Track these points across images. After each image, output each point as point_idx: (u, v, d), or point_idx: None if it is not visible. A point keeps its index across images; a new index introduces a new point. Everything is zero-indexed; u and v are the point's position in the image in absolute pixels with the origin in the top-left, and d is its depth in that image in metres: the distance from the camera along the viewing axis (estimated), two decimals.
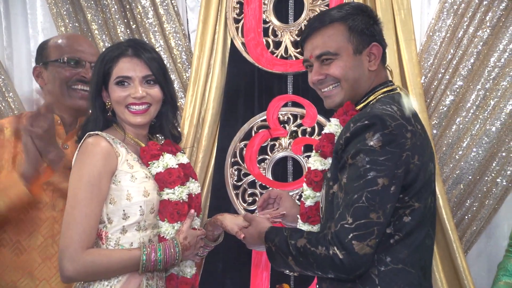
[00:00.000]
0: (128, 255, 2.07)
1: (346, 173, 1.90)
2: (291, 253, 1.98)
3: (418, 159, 1.92)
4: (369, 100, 2.04)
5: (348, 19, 2.05)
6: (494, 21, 2.83)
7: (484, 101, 2.87)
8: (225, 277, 3.07)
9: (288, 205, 2.36)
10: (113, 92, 2.15)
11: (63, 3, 3.27)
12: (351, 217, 1.85)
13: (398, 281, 1.91)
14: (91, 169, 2.07)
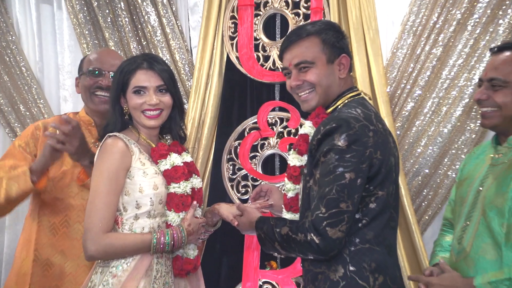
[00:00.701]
0: (140, 239, 2.17)
1: (319, 169, 2.00)
2: (277, 240, 2.07)
3: (380, 154, 2.01)
4: (337, 104, 2.14)
5: (321, 33, 2.13)
6: (445, 41, 2.94)
7: (438, 107, 2.98)
8: (222, 256, 3.21)
9: (277, 197, 2.44)
10: (130, 99, 2.25)
11: (86, 24, 3.37)
12: (324, 207, 1.94)
13: (365, 259, 2.00)
14: (109, 166, 2.17)
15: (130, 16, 3.34)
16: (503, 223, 1.96)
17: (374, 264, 2.00)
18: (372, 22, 3.00)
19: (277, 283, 3.06)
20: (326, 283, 2.01)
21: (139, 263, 2.18)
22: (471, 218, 2.10)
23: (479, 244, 2.04)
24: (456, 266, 2.13)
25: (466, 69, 2.91)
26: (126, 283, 2.13)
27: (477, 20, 2.86)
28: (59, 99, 3.49)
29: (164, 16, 3.30)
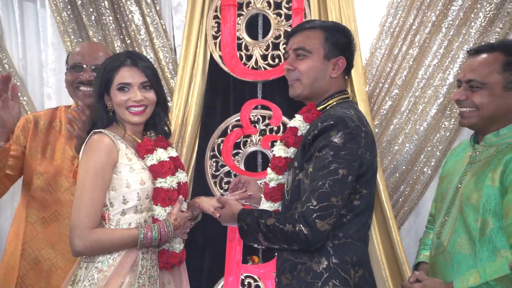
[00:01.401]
0: (127, 234, 2.17)
1: (312, 163, 2.03)
2: (261, 230, 2.09)
3: (369, 155, 2.08)
4: (329, 103, 2.18)
5: (328, 30, 2.20)
6: (421, 42, 3.01)
7: (415, 106, 3.06)
8: (205, 250, 3.22)
9: (255, 189, 2.46)
10: (115, 96, 2.25)
11: (69, 22, 3.38)
12: (316, 200, 1.97)
13: (348, 252, 2.06)
14: (96, 162, 2.17)
15: (114, 14, 3.36)
16: (478, 219, 2.01)
17: (355, 257, 2.06)
18: (351, 23, 3.04)
19: (259, 277, 3.09)
20: (309, 274, 2.05)
21: (124, 259, 2.18)
22: (449, 214, 2.14)
23: (456, 239, 2.07)
24: (435, 260, 2.17)
25: (441, 69, 3.00)
26: (111, 279, 2.13)
27: (451, 22, 2.96)
28: (42, 97, 3.51)
29: (148, 15, 3.33)
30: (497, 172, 1.99)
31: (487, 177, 2.02)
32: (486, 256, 2.00)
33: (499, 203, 1.98)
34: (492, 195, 1.99)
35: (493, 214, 1.99)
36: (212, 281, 3.19)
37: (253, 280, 3.12)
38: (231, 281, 3.09)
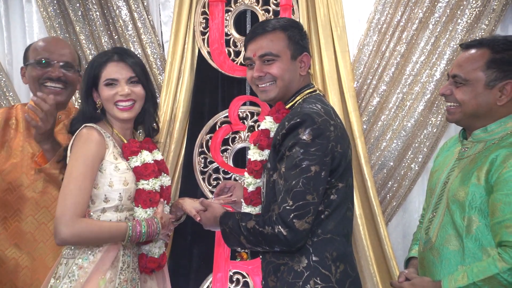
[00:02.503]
0: (116, 226, 2.18)
1: (284, 163, 2.03)
2: (242, 233, 2.09)
3: (341, 148, 2.07)
4: (296, 100, 2.19)
5: (287, 29, 2.18)
6: (408, 38, 3.06)
7: (402, 102, 3.10)
8: (193, 247, 3.25)
9: (240, 194, 2.45)
10: (102, 92, 2.25)
11: (56, 17, 3.39)
12: (291, 200, 1.98)
13: (327, 248, 2.06)
14: (85, 153, 2.17)
15: (101, 10, 3.36)
16: (464, 216, 2.02)
17: (336, 253, 2.07)
18: (339, 19, 3.08)
19: (247, 273, 3.12)
20: (290, 274, 2.06)
21: (106, 254, 2.19)
22: (437, 210, 2.16)
23: (443, 235, 2.09)
24: (423, 255, 2.19)
25: (428, 65, 3.05)
26: (92, 275, 2.14)
27: (438, 19, 3.01)
28: (28, 92, 3.39)
29: (135, 10, 3.34)
30: (483, 170, 2.01)
31: (473, 175, 2.03)
32: (473, 253, 2.02)
33: (485, 201, 2.00)
34: (478, 193, 2.01)
35: (479, 212, 2.01)
36: (201, 278, 3.21)
37: (242, 276, 3.15)
38: (220, 277, 3.10)
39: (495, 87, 2.06)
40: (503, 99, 2.06)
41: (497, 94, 2.06)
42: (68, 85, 2.63)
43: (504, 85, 2.05)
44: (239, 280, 3.16)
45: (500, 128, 2.10)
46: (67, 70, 2.61)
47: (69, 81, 2.62)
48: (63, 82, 2.60)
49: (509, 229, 1.92)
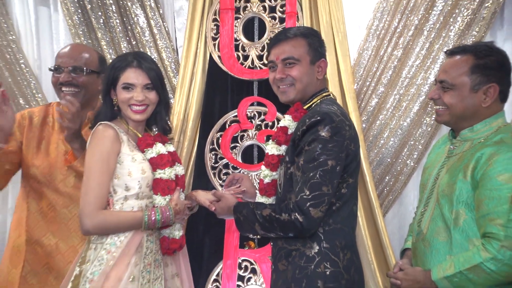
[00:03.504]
0: (132, 215, 2.22)
1: (303, 156, 2.06)
2: (258, 221, 2.12)
3: (354, 146, 2.12)
4: (314, 101, 2.22)
5: (308, 37, 2.22)
6: (405, 44, 3.08)
7: (399, 103, 3.12)
8: (205, 236, 3.28)
9: (248, 185, 2.48)
10: (119, 93, 2.28)
11: (80, 25, 3.44)
12: (308, 190, 2.01)
13: (337, 237, 2.10)
14: (101, 149, 2.20)
15: (120, 18, 3.41)
16: (452, 210, 2.05)
17: (344, 242, 2.11)
18: (340, 26, 3.10)
19: (254, 261, 3.16)
20: (302, 258, 2.09)
21: (131, 241, 2.22)
22: (428, 204, 2.18)
23: (434, 227, 2.12)
24: (416, 246, 2.22)
25: (423, 69, 3.07)
26: (119, 259, 2.17)
27: (432, 26, 3.03)
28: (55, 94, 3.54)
29: (152, 18, 3.38)
30: (469, 167, 2.03)
31: (460, 172, 2.05)
32: (460, 244, 2.04)
33: (471, 196, 2.02)
34: (464, 188, 2.03)
35: (465, 205, 2.03)
36: (212, 264, 3.24)
37: (250, 264, 3.18)
38: (229, 264, 3.15)
39: (479, 90, 2.08)
40: (487, 101, 2.09)
41: (481, 96, 2.09)
42: (80, 88, 2.63)
43: (487, 88, 2.08)
44: (247, 267, 3.19)
45: (485, 127, 2.12)
46: (76, 74, 2.61)
47: (80, 83, 2.62)
48: (74, 85, 2.61)
49: (493, 222, 1.95)
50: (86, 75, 2.64)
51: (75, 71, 2.61)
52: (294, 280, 2.10)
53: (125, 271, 2.18)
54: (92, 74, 2.66)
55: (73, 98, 2.47)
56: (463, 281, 1.98)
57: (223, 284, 3.17)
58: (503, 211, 1.94)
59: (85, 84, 2.64)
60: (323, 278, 2.07)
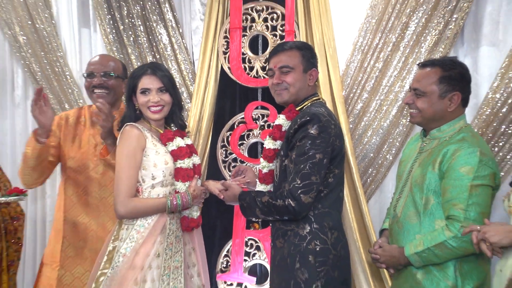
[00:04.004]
0: (158, 201, 2.24)
1: (295, 151, 2.07)
2: (258, 206, 2.14)
3: (338, 142, 2.13)
4: (305, 104, 2.22)
5: (302, 49, 2.23)
6: (385, 57, 3.09)
7: (380, 107, 3.13)
8: (217, 219, 3.33)
9: (251, 176, 2.46)
10: (139, 98, 2.29)
11: (114, 42, 3.49)
12: (299, 179, 2.03)
13: (325, 219, 2.12)
14: (128, 146, 2.22)
15: (147, 36, 3.46)
16: (423, 197, 2.09)
17: (331, 223, 2.13)
18: (331, 42, 3.14)
19: (259, 239, 3.21)
20: (296, 237, 2.11)
21: (156, 223, 2.24)
22: (403, 192, 2.21)
23: (406, 211, 2.15)
24: (392, 227, 2.25)
25: (400, 79, 3.09)
26: (147, 238, 2.21)
27: (407, 43, 3.06)
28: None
29: (173, 36, 3.42)
30: (437, 161, 2.07)
31: (429, 165, 2.09)
32: (428, 225, 2.08)
33: (438, 185, 2.06)
34: (433, 178, 2.07)
35: (433, 193, 2.08)
36: (223, 242, 3.30)
37: (254, 242, 3.23)
38: (238, 242, 3.20)
39: (445, 97, 2.13)
40: (452, 106, 2.14)
41: (447, 102, 2.13)
42: (110, 90, 2.65)
43: (452, 96, 2.13)
44: (252, 244, 3.24)
45: (450, 128, 2.16)
46: (107, 78, 2.63)
47: (110, 86, 2.65)
48: (105, 87, 2.63)
49: (455, 206, 2.01)
50: (114, 79, 2.66)
51: (106, 75, 2.63)
52: (290, 256, 2.12)
53: (151, 248, 2.21)
54: (118, 79, 2.69)
55: (104, 100, 2.48)
56: (430, 255, 2.04)
57: (232, 258, 3.20)
58: (463, 198, 1.99)
59: (113, 87, 2.67)
60: (314, 254, 2.09)
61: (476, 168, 2.00)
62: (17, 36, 3.55)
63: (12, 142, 3.72)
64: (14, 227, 2.53)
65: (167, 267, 2.24)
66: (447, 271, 2.05)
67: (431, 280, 2.07)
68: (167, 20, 3.41)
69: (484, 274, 2.08)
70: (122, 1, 3.45)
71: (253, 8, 3.27)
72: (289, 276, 2.11)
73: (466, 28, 2.98)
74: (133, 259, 2.18)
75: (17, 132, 3.71)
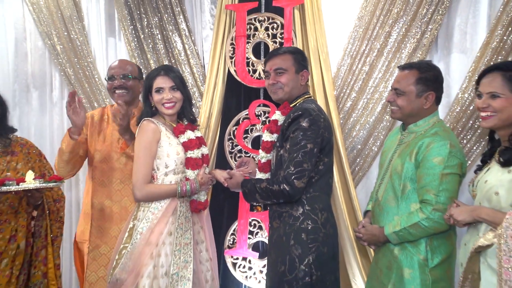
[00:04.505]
0: (169, 187, 2.24)
1: (289, 142, 2.08)
2: (257, 192, 2.14)
3: (327, 134, 2.12)
4: (298, 101, 2.22)
5: (294, 53, 2.23)
6: (371, 62, 3.07)
7: (367, 105, 3.11)
8: (225, 202, 3.33)
9: (253, 166, 2.47)
10: (154, 96, 2.29)
11: (135, 49, 3.49)
12: (293, 167, 2.03)
13: (316, 201, 2.12)
14: (145, 139, 2.23)
15: (164, 43, 3.46)
16: (401, 183, 2.10)
17: (322, 205, 2.13)
18: (324, 48, 3.11)
19: (261, 220, 3.20)
20: (290, 218, 2.11)
21: (168, 206, 2.25)
22: (384, 179, 2.21)
23: (386, 196, 2.16)
24: (374, 209, 2.26)
25: (384, 80, 3.06)
26: (160, 219, 2.22)
27: (389, 49, 3.03)
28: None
29: (186, 43, 3.42)
30: (414, 152, 2.07)
31: (407, 156, 2.10)
32: (404, 208, 2.10)
33: (414, 173, 2.07)
34: (410, 167, 2.08)
35: (410, 180, 2.08)
36: (230, 222, 3.30)
37: (257, 222, 3.23)
38: (243, 222, 3.20)
39: (422, 96, 2.12)
40: (427, 104, 2.14)
41: (423, 101, 2.13)
42: (129, 89, 2.66)
43: (427, 95, 2.12)
44: (255, 224, 3.24)
45: (425, 123, 2.16)
46: (125, 79, 2.64)
47: (128, 86, 2.65)
48: (125, 88, 2.63)
49: (428, 192, 2.02)
50: (132, 80, 2.67)
51: (124, 77, 2.64)
52: (285, 234, 2.12)
53: (164, 227, 2.22)
54: (135, 80, 2.70)
55: (123, 103, 2.48)
56: (406, 234, 2.05)
57: (238, 237, 3.21)
58: (435, 184, 2.00)
59: (131, 87, 2.68)
60: (306, 232, 2.09)
61: (446, 159, 2.00)
62: (55, 45, 3.59)
63: (50, 135, 3.76)
64: (57, 207, 2.55)
65: (179, 243, 2.24)
66: (419, 246, 2.06)
67: (406, 254, 2.09)
68: (181, 30, 3.41)
69: (451, 248, 2.09)
70: (143, 13, 3.44)
71: (256, 18, 3.26)
72: (285, 252, 2.11)
73: (440, 37, 2.98)
74: (148, 237, 2.20)
75: (55, 127, 3.75)
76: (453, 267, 2.11)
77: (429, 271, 2.04)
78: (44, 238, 2.42)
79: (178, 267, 2.20)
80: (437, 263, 2.05)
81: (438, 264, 2.05)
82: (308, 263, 2.06)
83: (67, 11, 3.53)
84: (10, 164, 2.35)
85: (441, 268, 2.05)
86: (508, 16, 2.66)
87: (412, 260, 2.06)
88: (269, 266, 2.24)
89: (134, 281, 2.17)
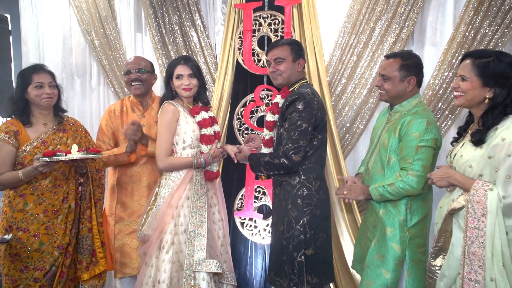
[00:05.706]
0: (187, 159, 2.25)
1: (287, 122, 2.08)
2: (261, 164, 2.14)
3: (320, 114, 2.10)
4: (295, 86, 2.20)
5: (291, 44, 2.19)
6: (358, 52, 2.95)
7: (354, 89, 3.01)
8: (234, 172, 3.26)
9: (259, 142, 2.44)
10: (174, 82, 2.28)
11: (158, 43, 3.35)
12: (291, 143, 2.04)
13: (311, 172, 2.11)
14: (166, 119, 2.22)
15: (182, 37, 3.36)
16: (387, 155, 2.09)
17: (315, 175, 2.14)
18: (318, 40, 3.03)
19: (264, 187, 3.17)
20: (289, 186, 2.13)
21: (186, 175, 2.26)
22: (373, 152, 2.21)
23: (375, 167, 2.16)
24: (364, 177, 2.26)
25: (368, 68, 2.98)
26: (179, 185, 2.24)
27: (374, 42, 2.94)
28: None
29: (201, 37, 3.32)
30: (397, 128, 2.06)
31: (392, 132, 2.08)
32: (389, 176, 2.08)
33: (397, 147, 2.06)
34: (394, 142, 2.06)
35: (394, 153, 2.07)
36: (238, 189, 3.26)
37: (261, 189, 3.20)
38: (249, 189, 3.18)
39: (405, 80, 2.09)
40: (409, 87, 2.10)
41: (406, 84, 2.09)
42: (143, 82, 2.62)
43: (410, 79, 2.09)
44: (260, 190, 3.22)
45: (408, 104, 2.13)
46: (140, 73, 2.60)
47: (143, 79, 2.61)
48: (140, 81, 2.60)
49: (406, 161, 2.00)
50: (145, 74, 2.63)
51: (139, 71, 2.60)
52: (284, 199, 2.13)
53: (183, 193, 2.23)
54: (148, 73, 2.66)
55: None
56: (384, 191, 2.04)
57: (245, 201, 3.20)
58: (412, 155, 1.99)
59: (145, 80, 2.64)
60: (301, 198, 2.10)
61: (422, 133, 1.97)
62: (93, 40, 3.54)
63: (90, 116, 3.72)
64: (98, 176, 2.53)
65: (195, 206, 2.24)
66: (400, 208, 2.06)
67: (388, 215, 2.08)
68: (197, 26, 3.33)
69: (427, 210, 2.09)
70: (165, 12, 3.36)
71: (260, 15, 3.18)
72: (284, 214, 2.12)
73: (415, 32, 2.92)
74: (170, 200, 2.22)
75: (93, 109, 3.71)
76: (428, 226, 2.10)
77: (407, 230, 2.04)
78: (88, 201, 2.43)
79: (195, 225, 2.20)
80: (415, 222, 2.04)
81: (415, 223, 2.04)
82: (303, 223, 2.07)
83: (103, 12, 3.49)
84: (62, 139, 2.37)
85: (417, 227, 2.05)
86: (469, 16, 2.68)
87: (394, 221, 2.06)
88: (272, 226, 2.25)
89: (159, 236, 2.20)
